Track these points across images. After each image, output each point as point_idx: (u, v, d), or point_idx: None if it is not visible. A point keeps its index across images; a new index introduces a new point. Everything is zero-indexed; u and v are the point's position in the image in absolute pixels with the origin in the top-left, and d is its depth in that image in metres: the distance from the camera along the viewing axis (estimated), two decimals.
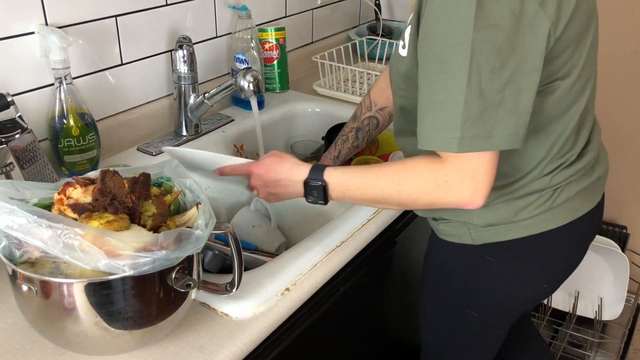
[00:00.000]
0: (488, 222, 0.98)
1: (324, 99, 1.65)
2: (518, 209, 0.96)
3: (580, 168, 0.98)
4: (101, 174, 0.78)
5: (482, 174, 0.82)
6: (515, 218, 0.96)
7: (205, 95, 1.32)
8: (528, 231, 0.97)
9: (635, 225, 2.20)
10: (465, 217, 0.99)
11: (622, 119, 2.05)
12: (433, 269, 1.13)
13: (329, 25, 1.96)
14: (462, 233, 1.01)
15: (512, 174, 0.95)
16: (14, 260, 0.72)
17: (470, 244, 1.01)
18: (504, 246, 0.99)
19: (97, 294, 0.71)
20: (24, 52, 1.11)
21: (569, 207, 0.98)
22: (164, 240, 0.71)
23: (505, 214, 0.96)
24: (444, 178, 0.84)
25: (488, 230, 0.98)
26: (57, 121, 1.13)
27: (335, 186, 0.94)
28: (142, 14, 1.30)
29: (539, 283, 1.05)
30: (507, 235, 0.98)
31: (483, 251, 1.01)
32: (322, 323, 1.03)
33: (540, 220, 0.97)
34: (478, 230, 0.99)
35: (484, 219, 0.97)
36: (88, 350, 0.78)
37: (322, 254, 1.00)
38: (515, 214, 0.96)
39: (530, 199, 0.96)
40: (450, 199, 0.84)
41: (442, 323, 1.15)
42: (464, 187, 0.83)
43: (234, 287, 0.83)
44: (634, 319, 2.07)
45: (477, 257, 1.02)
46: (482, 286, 1.05)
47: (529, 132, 0.86)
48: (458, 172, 0.83)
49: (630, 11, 1.94)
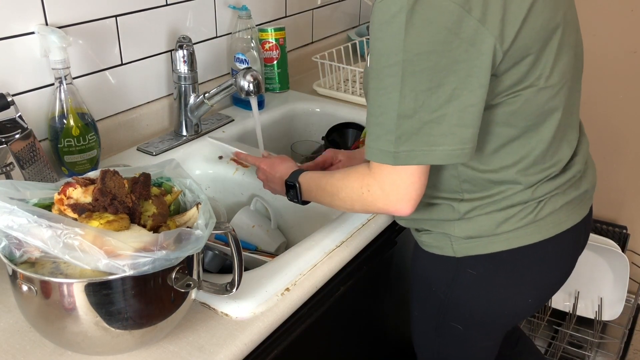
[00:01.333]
0: (469, 235, 0.97)
1: (324, 99, 1.65)
2: (500, 221, 0.95)
3: (565, 180, 0.97)
4: (101, 174, 0.78)
5: (402, 186, 0.85)
6: (496, 230, 0.95)
7: (205, 95, 1.32)
8: (510, 244, 0.96)
9: (635, 225, 2.20)
10: (446, 229, 0.99)
11: (622, 119, 2.05)
12: (417, 279, 1.12)
13: (329, 25, 1.96)
14: (443, 245, 1.00)
15: (490, 186, 0.94)
16: (14, 260, 0.72)
17: (452, 256, 1.00)
18: (486, 259, 0.98)
19: (97, 294, 0.71)
20: (24, 52, 1.11)
21: (553, 220, 0.97)
22: (164, 240, 0.71)
23: (487, 226, 0.95)
24: (367, 188, 0.89)
25: (469, 242, 0.97)
26: (57, 121, 1.13)
27: (304, 188, 1.04)
28: (142, 14, 1.30)
29: (522, 298, 1.04)
30: (489, 248, 0.97)
31: (464, 263, 1.00)
32: (322, 323, 1.03)
33: (522, 234, 0.95)
34: (459, 242, 0.98)
35: (465, 231, 0.97)
36: (88, 350, 0.78)
37: (322, 254, 1.00)
38: (496, 226, 0.95)
39: (513, 211, 0.94)
40: (378, 206, 0.89)
41: (428, 332, 1.14)
42: (386, 197, 0.87)
43: (234, 287, 0.83)
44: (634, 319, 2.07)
45: (458, 269, 1.01)
46: (464, 299, 1.04)
47: (500, 144, 0.89)
48: (378, 182, 0.87)
49: (630, 11, 1.94)
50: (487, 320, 1.07)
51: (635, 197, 2.17)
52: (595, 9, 1.95)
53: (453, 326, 1.08)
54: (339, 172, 0.98)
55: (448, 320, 1.08)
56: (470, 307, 1.04)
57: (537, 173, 0.93)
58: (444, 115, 0.80)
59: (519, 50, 0.83)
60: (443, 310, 1.07)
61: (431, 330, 1.13)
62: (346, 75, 1.74)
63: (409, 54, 0.77)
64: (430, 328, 1.13)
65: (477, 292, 1.02)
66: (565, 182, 0.97)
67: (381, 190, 0.87)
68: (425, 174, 0.86)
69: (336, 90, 1.67)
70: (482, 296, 1.03)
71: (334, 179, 0.97)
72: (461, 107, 0.80)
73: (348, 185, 0.93)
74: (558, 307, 2.08)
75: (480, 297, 1.03)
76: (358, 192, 0.91)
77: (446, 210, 0.97)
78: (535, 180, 0.94)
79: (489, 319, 1.06)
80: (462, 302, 1.04)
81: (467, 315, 1.06)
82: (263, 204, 1.26)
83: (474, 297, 1.03)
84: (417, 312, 1.16)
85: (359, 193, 0.91)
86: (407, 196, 0.86)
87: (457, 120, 0.80)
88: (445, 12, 0.76)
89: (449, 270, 1.02)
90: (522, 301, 1.04)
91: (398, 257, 1.28)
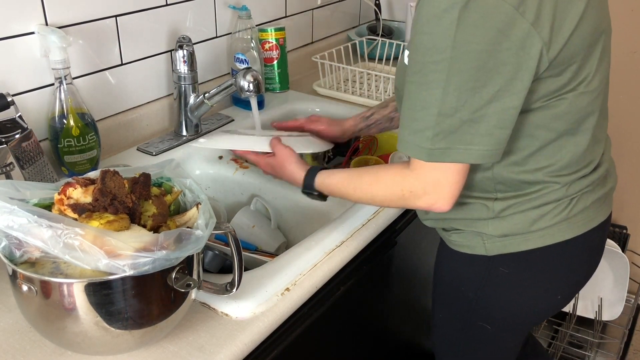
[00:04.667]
0: (504, 233, 0.97)
1: (324, 99, 1.65)
2: (534, 219, 0.95)
3: (595, 179, 0.97)
4: (101, 174, 0.78)
5: (446, 185, 0.86)
6: (531, 228, 0.95)
7: (205, 95, 1.32)
8: (544, 242, 0.96)
9: (635, 225, 2.20)
10: (479, 227, 0.98)
11: (622, 119, 2.05)
12: (443, 280, 1.11)
13: (329, 25, 1.96)
14: (475, 244, 1.00)
15: (524, 186, 0.94)
16: (14, 260, 0.72)
17: (484, 255, 0.99)
18: (519, 257, 0.97)
19: (97, 294, 0.71)
20: (24, 52, 1.11)
21: (584, 217, 0.97)
22: (164, 240, 0.71)
23: (521, 224, 0.95)
24: (408, 188, 0.89)
25: (503, 240, 0.97)
26: (57, 121, 1.13)
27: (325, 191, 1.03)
28: (142, 14, 1.30)
29: (552, 295, 1.04)
30: (522, 245, 0.96)
31: (496, 262, 0.99)
32: (322, 323, 1.03)
33: (555, 231, 0.96)
34: (493, 241, 0.98)
35: (499, 229, 0.96)
36: (88, 350, 0.78)
37: (322, 254, 1.00)
38: (531, 224, 0.95)
39: (547, 209, 0.95)
40: (417, 204, 0.89)
41: (453, 334, 1.14)
42: (427, 196, 0.87)
43: (234, 287, 0.83)
44: (634, 320, 2.07)
45: (490, 268, 1.00)
46: (495, 298, 1.03)
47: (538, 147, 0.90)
48: (421, 182, 0.87)
49: (630, 11, 1.94)
50: (517, 319, 1.07)
51: (636, 198, 2.17)
52: None
53: (481, 326, 1.07)
54: (366, 174, 0.97)
55: (476, 320, 1.07)
56: (501, 306, 1.04)
57: (571, 173, 0.94)
58: (484, 115, 0.80)
59: (566, 58, 0.83)
60: (471, 310, 1.07)
61: (457, 331, 1.12)
62: (346, 75, 1.74)
63: (457, 51, 0.77)
64: (455, 330, 1.12)
65: (508, 291, 1.02)
66: (595, 180, 0.98)
67: (423, 190, 0.87)
68: (466, 172, 0.86)
69: (336, 90, 1.67)
70: (513, 294, 1.02)
71: (363, 183, 0.96)
72: (502, 108, 0.80)
73: (386, 189, 0.92)
74: None
75: (512, 296, 1.03)
76: (398, 194, 0.90)
77: (480, 209, 0.97)
78: (569, 180, 0.94)
79: (519, 317, 1.06)
80: (492, 301, 1.04)
81: (497, 314, 1.05)
82: (263, 203, 1.26)
83: (505, 296, 1.03)
84: (442, 314, 1.15)
85: (399, 195, 0.90)
86: (450, 194, 0.86)
87: (496, 122, 0.81)
88: (499, 12, 0.75)
89: (480, 269, 1.01)
90: (551, 299, 1.05)
91: (398, 257, 1.28)
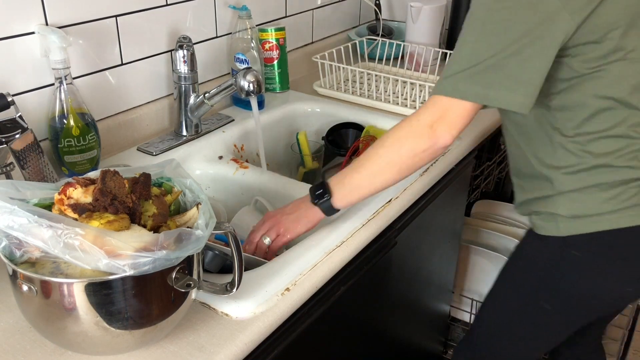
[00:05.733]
0: (574, 214, 1.00)
1: (324, 99, 1.65)
2: (604, 200, 0.97)
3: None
4: (101, 174, 0.78)
5: (452, 115, 0.93)
6: (601, 209, 0.98)
7: (206, 95, 1.32)
8: (612, 224, 0.98)
9: None
10: (552, 208, 1.02)
11: None
12: (518, 258, 1.16)
13: (329, 25, 1.96)
14: (550, 226, 1.04)
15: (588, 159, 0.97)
16: (14, 260, 0.72)
17: (557, 236, 1.03)
18: (590, 239, 1.00)
19: (98, 293, 0.71)
20: (24, 52, 1.11)
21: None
22: (165, 240, 0.71)
23: (591, 205, 0.98)
24: (417, 117, 0.97)
25: (574, 221, 1.00)
26: (57, 121, 1.13)
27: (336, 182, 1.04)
28: (142, 14, 1.30)
29: (622, 284, 1.05)
30: (592, 227, 0.99)
31: (569, 244, 1.02)
32: (322, 323, 1.03)
33: (625, 215, 0.97)
34: (564, 221, 1.01)
35: (570, 209, 1.00)
36: (88, 350, 0.78)
37: (322, 254, 1.00)
38: (600, 205, 0.98)
39: (615, 192, 0.97)
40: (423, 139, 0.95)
41: (511, 308, 1.17)
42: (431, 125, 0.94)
43: (234, 287, 0.83)
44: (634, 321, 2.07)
45: (563, 250, 1.03)
46: (563, 280, 1.06)
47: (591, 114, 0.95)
48: (428, 110, 0.95)
49: None
50: (581, 304, 1.08)
51: None
52: None
53: (541, 306, 1.10)
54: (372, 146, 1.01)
55: (539, 299, 1.10)
56: (567, 289, 1.06)
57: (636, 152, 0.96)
58: (507, 65, 0.89)
59: (600, 26, 0.88)
60: (537, 290, 1.10)
61: (515, 307, 1.16)
62: (346, 75, 1.74)
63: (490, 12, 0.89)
64: (514, 305, 1.16)
65: (578, 274, 1.04)
66: None
67: (431, 116, 0.95)
68: (474, 112, 0.94)
69: (336, 90, 1.67)
70: (582, 278, 1.05)
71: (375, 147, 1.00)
72: (523, 62, 0.89)
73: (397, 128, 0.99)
74: None
75: (581, 279, 1.05)
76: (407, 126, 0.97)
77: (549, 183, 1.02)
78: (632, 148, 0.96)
79: (583, 301, 1.08)
80: (560, 283, 1.07)
81: (561, 296, 1.08)
82: (263, 203, 1.26)
83: (573, 279, 1.05)
84: (504, 289, 1.19)
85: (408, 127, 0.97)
86: (452, 124, 0.94)
87: (516, 72, 0.89)
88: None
89: (553, 250, 1.05)
90: (620, 287, 1.06)
91: (398, 257, 1.28)
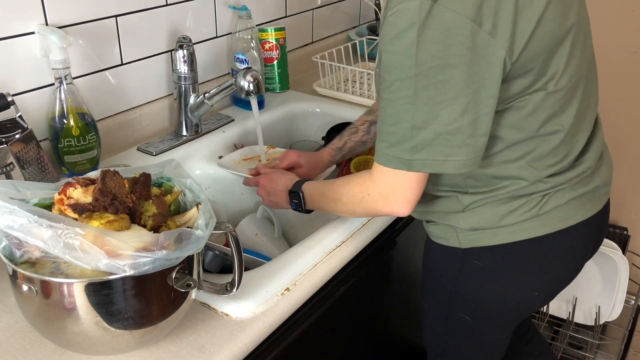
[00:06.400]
0: (473, 226, 0.98)
1: (324, 99, 1.65)
2: (503, 214, 0.96)
3: (574, 176, 0.97)
4: (101, 174, 0.78)
5: (400, 191, 0.89)
6: (500, 223, 0.96)
7: (205, 95, 1.32)
8: (513, 237, 0.97)
9: (636, 226, 2.20)
10: (451, 221, 1.00)
11: (622, 119, 2.05)
12: (427, 270, 1.14)
13: (329, 25, 1.96)
14: (449, 236, 1.02)
15: (493, 181, 0.95)
16: (14, 260, 0.72)
17: (458, 247, 1.01)
18: (491, 250, 0.99)
19: (98, 293, 0.71)
20: (24, 52, 1.11)
21: (559, 215, 0.97)
22: (165, 240, 0.71)
23: (490, 218, 0.97)
24: (367, 192, 0.93)
25: (473, 234, 0.99)
26: (57, 121, 1.13)
27: (307, 195, 1.07)
28: (142, 14, 1.30)
29: (528, 291, 1.04)
30: (492, 240, 0.98)
31: (470, 255, 1.01)
32: (322, 323, 1.03)
33: (526, 227, 0.96)
34: (464, 234, 1.00)
35: (469, 222, 0.98)
36: (88, 350, 0.78)
37: (322, 254, 1.00)
38: (500, 219, 0.96)
39: (516, 204, 0.95)
40: (377, 208, 0.93)
41: (438, 325, 1.15)
42: (384, 200, 0.91)
43: (234, 287, 0.83)
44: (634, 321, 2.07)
45: (464, 260, 1.02)
46: (470, 290, 1.05)
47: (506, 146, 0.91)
48: (377, 186, 0.91)
49: (631, 11, 1.94)
50: (493, 312, 1.07)
51: (636, 199, 2.17)
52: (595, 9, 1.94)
53: (461, 317, 1.09)
54: (341, 179, 1.02)
55: (456, 311, 1.09)
56: (477, 297, 1.05)
57: (542, 169, 0.94)
58: (459, 127, 0.82)
59: (528, 60, 0.84)
60: (451, 301, 1.08)
61: (440, 322, 1.14)
62: (346, 75, 1.74)
63: (421, 68, 0.79)
64: (439, 320, 1.14)
65: (482, 283, 1.03)
66: (573, 177, 0.97)
67: (379, 193, 0.91)
68: (425, 179, 0.89)
69: (336, 90, 1.67)
70: (487, 287, 1.04)
71: (335, 185, 1.01)
72: (475, 118, 0.82)
73: (349, 190, 0.97)
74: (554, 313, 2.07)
75: (486, 288, 1.04)
76: (359, 196, 0.94)
77: (451, 202, 0.99)
78: (540, 176, 0.94)
79: (494, 310, 1.07)
80: (468, 293, 1.06)
81: (473, 305, 1.07)
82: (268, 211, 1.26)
83: (480, 288, 1.04)
84: (426, 304, 1.17)
85: (359, 197, 0.94)
86: (405, 199, 0.90)
87: (471, 132, 0.82)
88: (457, 27, 0.77)
89: (455, 260, 1.03)
90: (527, 293, 1.05)
91: (398, 257, 1.28)
